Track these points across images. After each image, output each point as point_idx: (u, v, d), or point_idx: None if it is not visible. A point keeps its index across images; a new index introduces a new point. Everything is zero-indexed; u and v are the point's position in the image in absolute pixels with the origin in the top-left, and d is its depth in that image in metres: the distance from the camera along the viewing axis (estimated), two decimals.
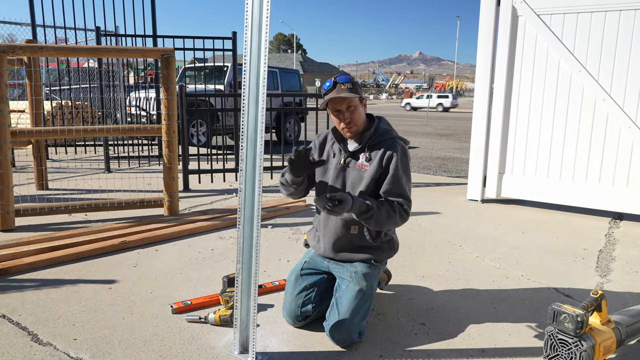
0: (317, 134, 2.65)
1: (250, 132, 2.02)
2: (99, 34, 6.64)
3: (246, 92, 2.01)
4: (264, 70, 1.96)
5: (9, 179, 3.87)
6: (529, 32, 4.74)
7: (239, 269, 2.10)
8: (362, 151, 2.38)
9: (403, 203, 2.31)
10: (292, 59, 59.63)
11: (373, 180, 2.32)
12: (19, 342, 2.22)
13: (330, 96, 2.28)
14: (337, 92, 2.26)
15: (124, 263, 3.25)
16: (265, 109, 1.99)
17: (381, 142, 2.36)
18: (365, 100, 2.40)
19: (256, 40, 1.97)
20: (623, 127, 4.38)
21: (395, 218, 2.28)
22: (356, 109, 2.32)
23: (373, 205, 2.22)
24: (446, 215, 4.71)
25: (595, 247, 3.80)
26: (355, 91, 2.29)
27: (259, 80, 1.99)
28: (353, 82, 2.31)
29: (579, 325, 1.92)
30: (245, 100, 2.01)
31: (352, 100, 2.29)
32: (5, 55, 3.75)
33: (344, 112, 2.30)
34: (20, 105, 8.84)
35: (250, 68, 1.99)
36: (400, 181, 2.32)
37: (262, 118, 1.99)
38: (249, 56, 1.98)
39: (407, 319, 2.54)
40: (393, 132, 2.43)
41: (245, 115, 2.02)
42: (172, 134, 4.28)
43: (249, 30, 1.96)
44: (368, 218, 2.23)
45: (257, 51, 1.98)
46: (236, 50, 7.02)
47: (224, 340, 2.27)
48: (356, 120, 2.32)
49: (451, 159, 9.27)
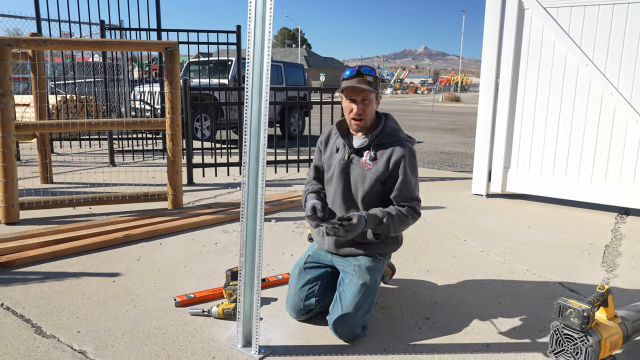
0: (321, 132, 2.65)
1: (254, 125, 2.01)
2: (104, 28, 6.64)
3: (249, 85, 1.99)
4: (268, 62, 1.95)
5: (14, 172, 3.88)
6: (535, 25, 4.69)
7: (242, 262, 2.09)
8: (367, 149, 2.36)
9: (414, 205, 2.34)
10: (296, 54, 59.51)
11: (378, 181, 2.31)
12: (23, 334, 2.23)
13: (349, 83, 2.26)
14: (358, 81, 2.24)
15: (128, 256, 3.25)
16: (268, 102, 1.98)
17: (388, 143, 2.34)
18: (379, 98, 2.38)
19: (260, 33, 1.95)
20: (630, 121, 4.33)
21: (409, 221, 2.33)
22: (370, 104, 2.31)
23: (386, 216, 2.24)
24: (451, 209, 4.68)
25: (602, 242, 3.77)
26: (375, 86, 2.28)
27: (262, 72, 1.97)
28: (375, 77, 2.30)
29: (585, 320, 1.90)
30: (249, 93, 2.00)
31: (369, 94, 2.28)
32: (10, 49, 3.75)
33: (358, 103, 2.29)
34: (25, 99, 8.85)
35: (253, 61, 1.97)
36: (410, 184, 2.32)
37: (266, 111, 1.98)
38: (252, 49, 1.96)
39: (411, 313, 2.52)
40: (400, 133, 2.40)
41: (248, 108, 2.01)
42: (176, 127, 4.27)
43: (252, 22, 1.94)
44: (385, 229, 2.26)
45: (261, 44, 1.96)
46: (240, 44, 7.00)
47: (227, 334, 2.26)
48: (367, 115, 2.31)
49: (456, 154, 9.23)
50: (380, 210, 2.26)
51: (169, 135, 4.28)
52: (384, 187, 2.34)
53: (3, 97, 3.73)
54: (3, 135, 3.78)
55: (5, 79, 3.73)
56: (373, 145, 2.34)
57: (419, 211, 2.36)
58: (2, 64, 3.71)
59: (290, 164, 6.43)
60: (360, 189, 2.34)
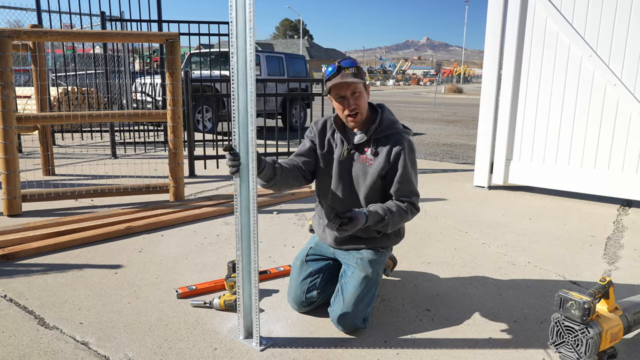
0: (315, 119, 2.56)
1: (242, 117, 1.95)
2: (104, 19, 6.61)
3: (235, 76, 1.93)
4: (251, 53, 1.88)
5: (16, 165, 3.88)
6: (538, 16, 4.65)
7: (239, 255, 2.09)
8: (367, 144, 2.31)
9: (414, 201, 2.31)
10: (298, 45, 59.22)
11: (379, 176, 2.28)
12: (26, 326, 2.24)
13: (334, 82, 2.18)
14: (342, 77, 2.17)
15: (130, 248, 3.26)
16: (255, 93, 1.90)
17: (388, 137, 2.29)
18: (368, 87, 2.32)
19: (242, 19, 1.90)
20: (634, 113, 4.31)
21: (408, 217, 2.30)
22: (361, 95, 2.24)
23: (386, 213, 2.19)
24: (453, 201, 4.68)
25: (603, 234, 3.77)
26: (360, 76, 2.20)
27: (246, 62, 1.90)
28: (358, 67, 2.22)
29: (585, 312, 1.90)
30: (235, 84, 1.93)
31: (358, 86, 2.21)
32: (11, 40, 3.74)
33: (349, 98, 2.21)
34: (26, 91, 8.84)
35: (237, 50, 1.92)
36: (409, 178, 2.29)
37: (253, 103, 1.90)
38: (235, 37, 1.91)
39: (413, 305, 2.53)
40: (398, 124, 2.35)
41: (235, 100, 1.94)
42: (178, 119, 4.26)
43: (234, 10, 1.90)
44: (384, 226, 2.22)
45: (244, 31, 1.90)
46: None
47: (229, 325, 2.27)
48: (361, 108, 2.24)
49: (458, 146, 9.21)
50: (381, 207, 2.21)
51: (171, 127, 4.27)
52: (384, 181, 2.31)
53: (4, 89, 3.73)
54: (5, 128, 3.78)
55: (6, 70, 3.73)
56: (373, 139, 2.30)
57: (418, 206, 2.34)
58: (3, 55, 3.70)
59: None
60: (362, 185, 2.32)
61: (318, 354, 2.07)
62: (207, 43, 7.30)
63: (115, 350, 2.06)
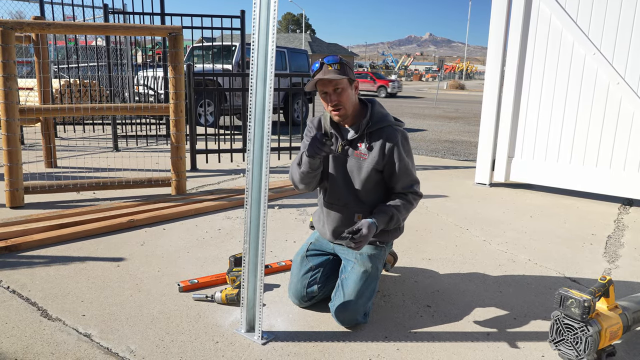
0: (310, 117, 2.59)
1: (258, 112, 2.01)
2: (107, 12, 6.60)
3: (254, 71, 1.98)
4: (272, 49, 1.93)
5: (18, 157, 3.89)
6: (542, 13, 4.64)
7: (246, 249, 2.10)
8: (360, 139, 2.33)
9: (415, 189, 2.37)
10: (300, 39, 59.04)
11: (374, 170, 2.31)
12: (29, 317, 2.26)
13: (316, 78, 2.21)
14: (324, 73, 2.19)
15: (132, 241, 3.28)
16: (272, 89, 1.97)
17: (380, 130, 2.31)
18: (356, 83, 2.31)
19: (265, 17, 1.94)
20: (637, 112, 4.30)
21: (413, 205, 2.39)
22: (344, 91, 2.23)
23: (394, 213, 2.28)
24: (454, 198, 4.69)
25: (604, 232, 3.77)
26: (344, 72, 2.20)
27: (267, 59, 1.96)
28: (341, 63, 2.22)
29: (585, 310, 1.91)
30: (254, 79, 1.99)
31: (340, 82, 2.21)
32: (13, 32, 3.74)
33: (331, 94, 2.22)
34: (28, 83, 8.84)
35: (258, 47, 1.96)
36: (408, 169, 2.34)
37: (270, 98, 1.98)
38: (257, 34, 1.95)
39: (413, 301, 2.54)
40: (389, 117, 2.36)
41: (253, 95, 2.00)
42: (180, 113, 4.26)
43: (257, 7, 1.93)
44: (395, 224, 2.32)
45: (266, 29, 1.95)
46: (244, 29, 6.95)
47: (231, 319, 2.29)
48: (344, 103, 2.24)
49: (460, 142, 9.20)
50: (386, 208, 2.28)
51: (173, 120, 4.27)
52: (381, 175, 2.35)
53: (7, 80, 3.73)
54: (7, 120, 3.79)
55: (9, 62, 3.73)
56: (366, 134, 2.32)
57: (420, 192, 2.41)
58: (6, 47, 3.70)
59: (293, 150, 6.42)
60: (357, 179, 2.34)
61: (319, 348, 2.08)
62: (209, 36, 7.29)
63: (118, 343, 2.08)
